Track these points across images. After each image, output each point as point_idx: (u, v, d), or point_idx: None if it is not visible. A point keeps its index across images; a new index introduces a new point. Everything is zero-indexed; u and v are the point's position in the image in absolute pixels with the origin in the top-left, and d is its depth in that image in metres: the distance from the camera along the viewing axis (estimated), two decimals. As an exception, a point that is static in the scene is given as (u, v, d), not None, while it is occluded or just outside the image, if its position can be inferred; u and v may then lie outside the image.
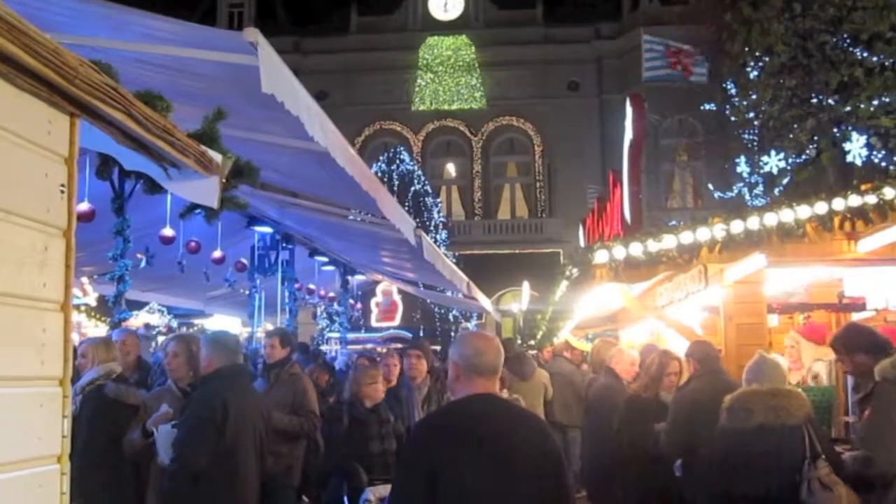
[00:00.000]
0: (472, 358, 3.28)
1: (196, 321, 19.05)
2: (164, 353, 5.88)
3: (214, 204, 3.23)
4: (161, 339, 11.07)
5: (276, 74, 3.83)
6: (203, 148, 3.07)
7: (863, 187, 6.84)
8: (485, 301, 16.39)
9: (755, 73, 19.96)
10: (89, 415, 5.55)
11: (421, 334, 25.40)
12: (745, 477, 4.56)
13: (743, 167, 21.41)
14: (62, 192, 2.28)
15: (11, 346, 2.06)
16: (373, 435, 6.24)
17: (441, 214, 31.00)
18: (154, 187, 3.47)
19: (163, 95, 3.25)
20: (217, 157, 3.20)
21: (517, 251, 32.76)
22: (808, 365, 7.35)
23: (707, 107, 24.70)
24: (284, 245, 11.49)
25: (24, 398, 2.12)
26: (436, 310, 27.67)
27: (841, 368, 6.48)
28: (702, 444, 5.56)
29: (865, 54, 17.73)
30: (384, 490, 5.01)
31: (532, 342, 17.81)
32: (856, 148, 17.69)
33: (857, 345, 4.97)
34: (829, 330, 7.13)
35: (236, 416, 4.95)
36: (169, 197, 6.65)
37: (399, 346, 15.60)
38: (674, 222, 12.39)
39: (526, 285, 25.67)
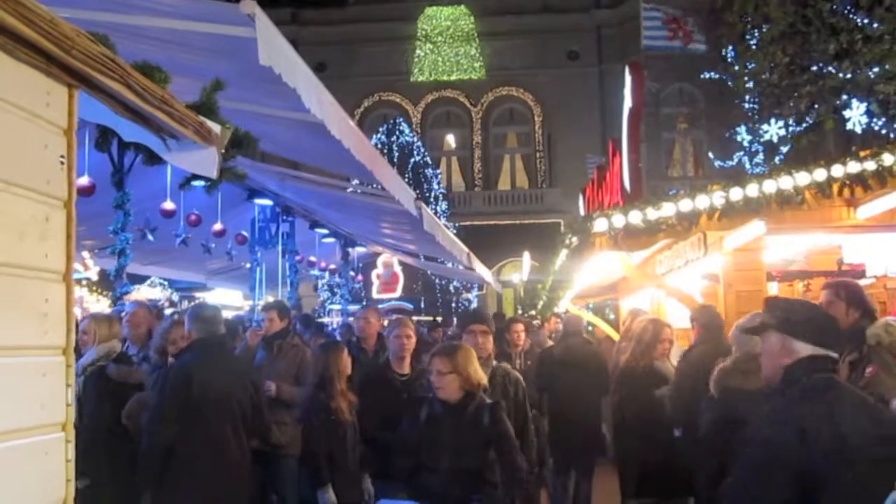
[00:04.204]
0: None
1: (197, 294, 19.06)
2: (165, 340, 5.86)
3: (213, 174, 3.24)
4: (168, 311, 11.08)
5: (273, 46, 3.83)
6: (201, 118, 3.07)
7: (861, 154, 6.82)
8: (485, 272, 16.39)
9: (753, 41, 19.85)
10: (92, 397, 5.55)
11: (422, 305, 25.50)
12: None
13: (743, 135, 21.35)
14: (62, 163, 2.29)
15: (14, 315, 2.08)
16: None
17: (441, 186, 30.90)
18: (153, 158, 3.47)
19: (160, 67, 3.24)
20: (216, 127, 3.20)
21: (517, 222, 32.70)
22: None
23: (707, 75, 24.61)
24: (285, 217, 11.52)
25: (28, 367, 2.14)
26: (437, 281, 27.71)
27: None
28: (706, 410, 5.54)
29: (865, 21, 17.59)
30: None
31: (533, 312, 17.87)
32: (856, 115, 17.62)
33: (860, 301, 4.92)
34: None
35: (203, 389, 4.95)
36: (169, 170, 6.65)
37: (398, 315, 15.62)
38: (674, 191, 12.36)
39: (526, 256, 25.68)
